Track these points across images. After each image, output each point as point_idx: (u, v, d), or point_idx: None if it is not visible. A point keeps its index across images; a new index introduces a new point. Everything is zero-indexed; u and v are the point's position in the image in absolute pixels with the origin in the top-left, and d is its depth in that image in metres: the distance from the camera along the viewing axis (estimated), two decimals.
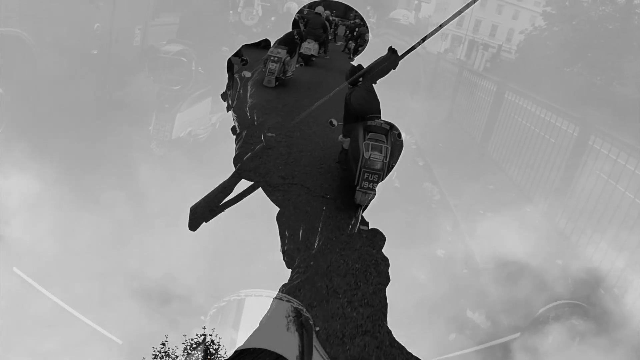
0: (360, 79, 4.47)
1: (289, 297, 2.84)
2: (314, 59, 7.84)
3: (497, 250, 3.87)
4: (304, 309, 2.75)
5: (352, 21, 9.73)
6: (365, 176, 3.88)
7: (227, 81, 5.79)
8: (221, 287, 3.10)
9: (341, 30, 9.90)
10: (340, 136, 4.69)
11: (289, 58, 6.44)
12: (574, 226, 3.91)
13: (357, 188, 3.93)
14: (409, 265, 3.76)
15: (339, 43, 9.77)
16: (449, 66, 8.13)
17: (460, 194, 4.89)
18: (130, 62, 5.41)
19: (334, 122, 4.68)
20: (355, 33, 9.17)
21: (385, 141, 4.01)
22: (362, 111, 4.30)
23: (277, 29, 7.06)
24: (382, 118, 4.30)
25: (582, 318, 3.14)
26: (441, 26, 3.75)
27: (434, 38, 4.28)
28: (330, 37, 8.66)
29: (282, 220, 4.03)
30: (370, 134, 4.07)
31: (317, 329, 2.69)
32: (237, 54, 5.94)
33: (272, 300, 2.83)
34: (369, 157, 3.85)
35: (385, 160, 3.85)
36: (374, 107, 4.29)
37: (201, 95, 5.44)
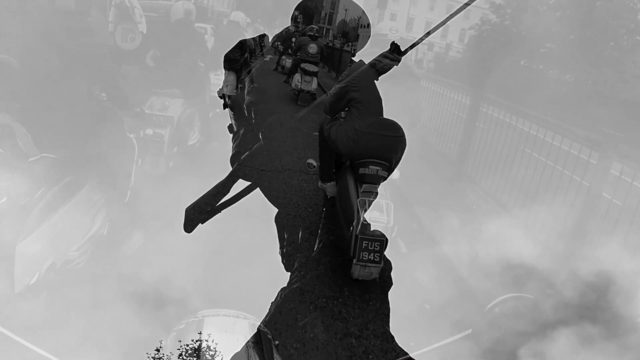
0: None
1: (245, 314, 2.64)
2: (229, 101, 5.39)
3: (502, 252, 3.79)
4: (262, 325, 2.58)
5: (284, 30, 7.56)
6: (364, 245, 2.86)
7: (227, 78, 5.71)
8: (218, 290, 3.06)
9: (267, 40, 7.51)
10: (320, 182, 3.67)
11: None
12: (583, 226, 3.84)
13: (355, 261, 2.92)
14: (412, 268, 3.69)
15: (267, 57, 7.62)
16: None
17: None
18: None
19: (313, 162, 3.78)
20: (292, 43, 7.01)
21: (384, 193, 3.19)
22: (348, 153, 3.24)
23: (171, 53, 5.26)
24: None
25: (592, 323, 3.07)
26: (449, 18, 3.50)
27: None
28: (258, 52, 6.44)
29: (280, 221, 3.96)
30: (364, 185, 3.11)
31: (277, 342, 2.54)
32: (234, 51, 5.77)
33: (230, 319, 2.64)
34: (368, 220, 2.96)
35: (390, 224, 3.04)
36: (366, 149, 3.10)
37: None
